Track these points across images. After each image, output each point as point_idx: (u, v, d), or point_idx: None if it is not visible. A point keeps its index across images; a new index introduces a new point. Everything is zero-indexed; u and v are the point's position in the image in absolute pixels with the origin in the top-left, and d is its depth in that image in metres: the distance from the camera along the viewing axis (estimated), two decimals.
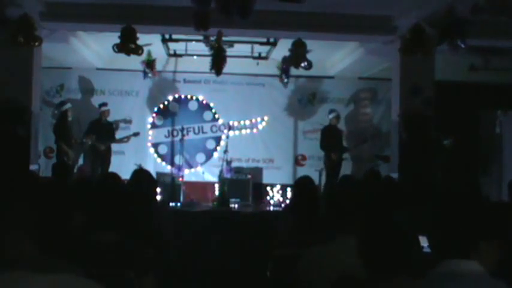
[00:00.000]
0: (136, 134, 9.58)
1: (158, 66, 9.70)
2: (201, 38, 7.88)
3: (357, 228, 2.08)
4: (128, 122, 10.13)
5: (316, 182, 5.93)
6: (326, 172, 9.08)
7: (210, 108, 10.41)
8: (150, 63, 9.02)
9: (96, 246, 2.39)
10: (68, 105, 8.91)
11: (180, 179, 9.00)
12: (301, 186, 4.31)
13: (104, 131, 9.19)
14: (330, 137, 9.18)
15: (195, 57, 9.17)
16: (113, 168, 8.89)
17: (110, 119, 9.54)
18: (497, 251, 1.67)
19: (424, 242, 2.37)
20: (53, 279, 1.49)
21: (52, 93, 9.96)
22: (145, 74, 9.37)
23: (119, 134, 9.67)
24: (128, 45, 6.89)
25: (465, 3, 5.77)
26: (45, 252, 1.58)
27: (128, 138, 9.50)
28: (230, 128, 10.14)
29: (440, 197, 1.78)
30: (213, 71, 7.80)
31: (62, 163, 7.38)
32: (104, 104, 9.34)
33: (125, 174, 4.08)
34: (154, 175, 6.95)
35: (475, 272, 1.58)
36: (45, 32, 7.22)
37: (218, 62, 7.62)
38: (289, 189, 8.47)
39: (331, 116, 9.32)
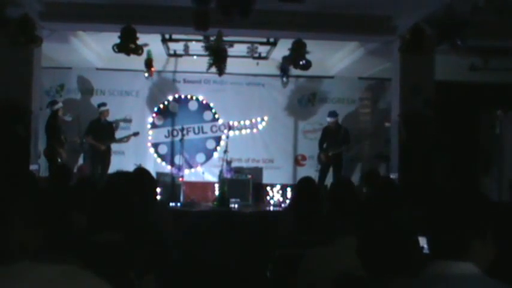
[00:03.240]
0: (136, 134, 9.58)
1: (158, 66, 9.70)
2: (201, 38, 7.88)
3: (357, 229, 2.08)
4: (128, 121, 10.13)
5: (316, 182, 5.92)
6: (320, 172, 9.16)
7: (210, 108, 10.41)
8: (147, 63, 9.01)
9: (96, 246, 2.38)
10: (59, 105, 8.84)
11: (180, 179, 9.00)
12: (302, 187, 4.31)
13: (104, 131, 9.19)
14: (326, 137, 9.32)
15: (195, 57, 9.17)
16: (112, 168, 8.89)
17: (110, 118, 9.54)
18: (492, 251, 1.66)
19: (424, 242, 2.37)
20: (58, 270, 1.52)
21: (52, 93, 9.95)
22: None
23: (119, 134, 9.67)
24: (128, 45, 6.89)
25: (465, 3, 5.77)
26: (49, 245, 1.61)
27: (127, 138, 9.50)
28: (230, 128, 10.14)
29: (435, 196, 1.77)
30: (211, 70, 7.79)
31: (62, 166, 7.37)
32: (103, 104, 9.33)
33: None
34: (154, 175, 6.95)
35: (469, 274, 1.57)
36: (45, 32, 7.22)
37: (218, 62, 7.61)
38: (289, 189, 8.50)
39: (328, 120, 9.42)
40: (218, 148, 10.27)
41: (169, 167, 10.00)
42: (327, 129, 9.40)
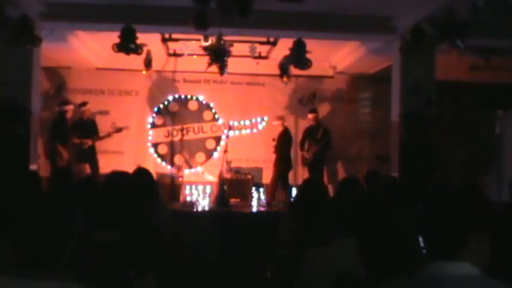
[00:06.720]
0: (119, 130, 9.47)
1: (158, 66, 9.69)
2: (201, 38, 7.87)
3: (357, 228, 2.08)
4: (105, 113, 10.04)
5: None
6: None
7: (210, 108, 10.41)
8: (146, 63, 9.00)
9: (96, 246, 2.39)
10: (69, 107, 8.90)
11: (180, 179, 8.99)
12: (306, 187, 4.30)
13: (87, 129, 9.16)
14: (307, 136, 9.47)
15: (195, 56, 9.17)
16: (112, 168, 8.85)
17: (107, 117, 9.57)
18: (489, 250, 1.66)
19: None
20: (47, 285, 1.50)
21: (52, 93, 9.95)
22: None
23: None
24: (127, 45, 6.88)
25: (465, 3, 5.76)
26: (49, 245, 1.60)
27: (109, 134, 9.40)
28: (230, 128, 10.13)
29: (430, 196, 1.77)
30: (212, 69, 7.79)
31: (64, 167, 7.37)
32: (84, 104, 9.30)
33: None
34: (154, 175, 6.94)
35: (468, 273, 1.56)
36: (45, 32, 7.22)
37: (218, 61, 7.60)
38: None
39: (309, 116, 9.57)
40: (218, 148, 10.27)
41: (169, 167, 10.00)
42: (309, 128, 9.53)
